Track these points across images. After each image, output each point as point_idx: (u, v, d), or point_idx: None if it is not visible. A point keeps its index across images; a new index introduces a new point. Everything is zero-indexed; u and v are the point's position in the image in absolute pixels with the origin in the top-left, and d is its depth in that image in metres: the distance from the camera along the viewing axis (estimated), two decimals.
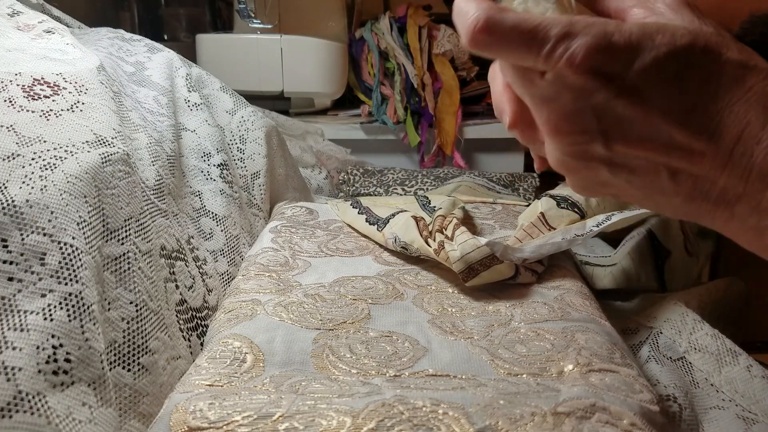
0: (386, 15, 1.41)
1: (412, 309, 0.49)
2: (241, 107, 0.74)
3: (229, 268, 0.59)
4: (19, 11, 0.59)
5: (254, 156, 0.72)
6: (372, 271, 0.56)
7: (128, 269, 0.42)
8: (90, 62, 0.53)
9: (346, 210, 0.68)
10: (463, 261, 0.50)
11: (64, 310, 0.35)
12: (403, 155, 1.41)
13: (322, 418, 0.33)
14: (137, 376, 0.40)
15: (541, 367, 0.40)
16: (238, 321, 0.45)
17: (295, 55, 1.29)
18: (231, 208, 0.63)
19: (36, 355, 0.33)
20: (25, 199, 0.37)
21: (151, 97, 0.62)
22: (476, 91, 1.42)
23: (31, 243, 0.36)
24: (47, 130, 0.42)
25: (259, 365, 0.40)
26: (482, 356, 0.42)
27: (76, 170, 0.41)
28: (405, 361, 0.41)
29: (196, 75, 0.71)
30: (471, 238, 0.51)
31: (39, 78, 0.46)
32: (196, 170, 0.62)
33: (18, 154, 0.39)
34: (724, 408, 0.46)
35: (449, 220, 0.56)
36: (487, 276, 0.51)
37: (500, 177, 1.03)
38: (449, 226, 0.55)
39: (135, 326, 0.41)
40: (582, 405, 0.34)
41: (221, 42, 1.32)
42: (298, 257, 0.58)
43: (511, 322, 0.47)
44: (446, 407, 0.34)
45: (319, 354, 0.42)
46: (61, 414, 0.33)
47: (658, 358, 0.51)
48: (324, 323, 0.46)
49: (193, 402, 0.35)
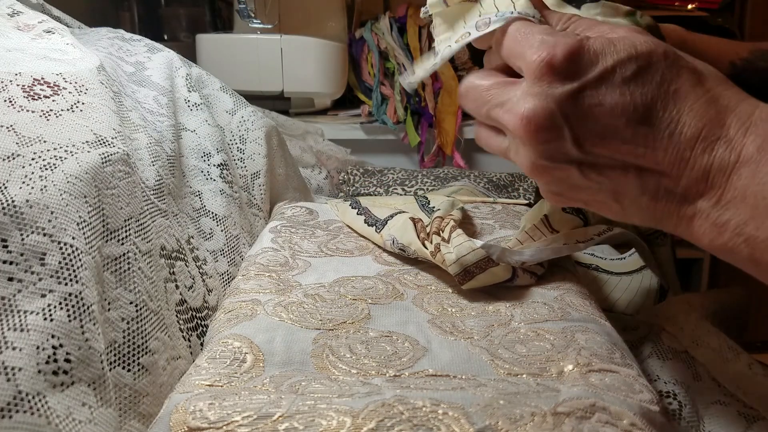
0: (386, 15, 1.41)
1: (412, 309, 0.49)
2: (241, 107, 0.74)
3: (229, 268, 0.59)
4: (19, 11, 0.59)
5: (254, 156, 0.72)
6: (372, 271, 0.56)
7: (128, 269, 0.42)
8: (90, 62, 0.53)
9: (346, 210, 0.68)
10: (458, 264, 0.50)
11: (64, 311, 0.35)
12: (403, 155, 1.41)
13: (322, 418, 0.33)
14: (137, 376, 0.40)
15: (541, 367, 0.40)
16: (238, 321, 0.45)
17: (295, 55, 1.29)
18: (231, 208, 0.63)
19: (36, 356, 0.33)
20: (25, 199, 0.37)
21: (151, 97, 0.62)
22: None
23: (31, 243, 0.36)
24: (47, 130, 0.42)
25: (259, 365, 0.40)
26: (482, 356, 0.42)
27: (76, 170, 0.41)
28: (405, 361, 0.41)
29: (196, 75, 0.71)
30: (467, 241, 0.51)
31: (39, 78, 0.46)
32: (196, 170, 0.62)
33: (18, 154, 0.39)
34: (726, 404, 0.46)
35: (446, 222, 0.56)
36: (483, 278, 0.51)
37: (500, 177, 1.03)
38: (446, 228, 0.54)
39: (135, 326, 0.41)
40: (582, 405, 0.34)
41: (221, 42, 1.32)
42: (298, 257, 0.58)
43: (511, 322, 0.47)
44: (446, 407, 0.34)
45: (319, 354, 0.42)
46: (61, 414, 0.33)
47: (660, 352, 0.51)
48: (324, 323, 0.46)
49: (193, 402, 0.35)
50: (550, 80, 0.32)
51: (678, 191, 0.32)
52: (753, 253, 0.30)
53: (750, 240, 0.30)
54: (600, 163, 0.33)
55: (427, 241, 0.54)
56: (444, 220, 0.57)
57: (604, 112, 0.32)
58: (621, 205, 0.35)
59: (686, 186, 0.32)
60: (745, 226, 0.30)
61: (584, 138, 0.32)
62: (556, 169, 0.34)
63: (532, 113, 0.32)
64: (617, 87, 0.32)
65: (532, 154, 0.34)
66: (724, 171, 0.31)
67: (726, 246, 0.32)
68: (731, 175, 0.30)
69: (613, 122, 0.32)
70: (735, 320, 0.63)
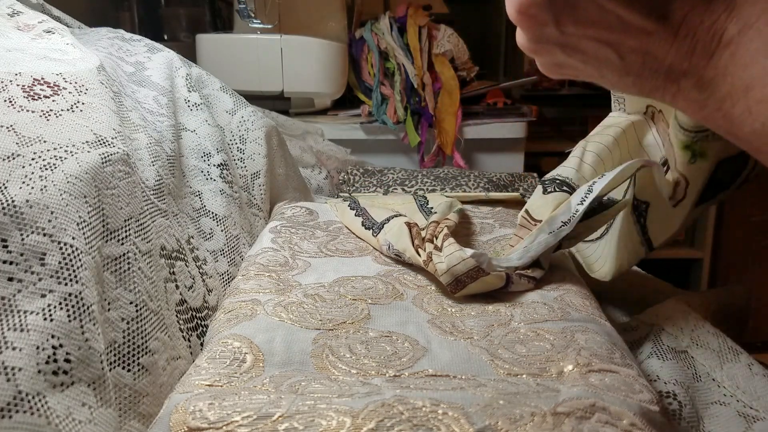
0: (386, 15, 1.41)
1: (412, 309, 0.49)
2: (241, 107, 0.74)
3: (229, 268, 0.59)
4: (19, 11, 0.59)
5: (254, 156, 0.72)
6: (372, 271, 0.56)
7: (128, 269, 0.42)
8: (90, 62, 0.53)
9: (345, 211, 0.68)
10: (449, 274, 0.50)
11: (63, 311, 0.35)
12: (403, 155, 1.41)
13: (322, 419, 0.33)
14: (137, 376, 0.40)
15: (540, 368, 0.40)
16: (238, 321, 0.45)
17: (295, 55, 1.29)
18: (231, 208, 0.63)
19: (36, 356, 0.33)
20: (25, 200, 0.37)
21: (151, 97, 0.62)
22: (476, 91, 1.42)
23: (31, 243, 0.36)
24: (47, 130, 0.42)
25: (258, 365, 0.40)
26: (482, 356, 0.42)
27: (76, 170, 0.41)
28: (405, 361, 0.41)
29: (196, 75, 0.71)
30: (457, 250, 0.50)
31: (39, 78, 0.46)
32: (196, 170, 0.62)
33: (18, 154, 0.39)
34: (726, 404, 0.46)
35: (440, 229, 0.55)
36: (475, 287, 0.50)
37: (500, 177, 1.03)
38: (440, 236, 0.54)
39: (135, 326, 0.41)
40: (582, 405, 0.34)
41: (221, 42, 1.32)
42: (297, 257, 0.58)
43: (510, 322, 0.47)
44: (446, 407, 0.34)
45: (319, 354, 0.42)
46: (61, 414, 0.33)
47: (660, 352, 0.50)
48: (324, 323, 0.46)
49: (192, 402, 0.35)
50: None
51: (662, 71, 0.34)
52: (731, 128, 0.33)
53: (728, 116, 0.32)
54: (581, 46, 0.36)
55: (421, 249, 0.54)
56: (439, 226, 0.56)
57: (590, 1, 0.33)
58: (608, 80, 0.38)
59: (670, 65, 0.34)
60: (722, 102, 0.32)
61: (567, 23, 0.35)
62: (543, 50, 0.38)
63: (519, 3, 0.35)
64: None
65: (521, 36, 0.38)
66: (705, 51, 0.32)
67: (707, 119, 0.34)
68: (713, 56, 0.32)
69: (598, 8, 0.33)
70: (735, 320, 0.63)
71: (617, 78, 0.37)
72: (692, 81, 0.33)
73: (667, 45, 0.33)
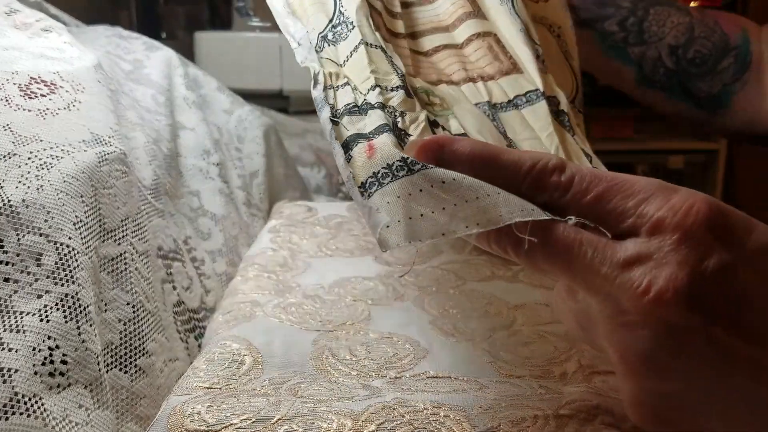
0: None
1: (413, 310, 0.48)
2: (239, 106, 0.73)
3: (227, 268, 0.58)
4: (16, 9, 0.58)
5: (252, 155, 0.71)
6: (372, 271, 0.55)
7: (125, 270, 0.42)
8: (87, 61, 0.52)
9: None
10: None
11: (60, 312, 0.35)
12: None
13: (322, 421, 0.33)
14: (134, 378, 0.40)
15: (543, 370, 0.40)
16: (237, 322, 0.45)
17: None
18: (229, 207, 0.62)
19: (32, 357, 0.33)
20: (22, 199, 0.36)
21: (148, 95, 0.62)
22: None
23: (28, 243, 0.35)
24: (44, 129, 0.42)
25: (257, 367, 0.40)
26: (484, 358, 0.42)
27: (73, 169, 0.41)
28: (406, 362, 0.41)
29: (192, 75, 0.71)
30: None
31: (36, 76, 0.46)
32: (194, 169, 0.61)
33: (14, 154, 0.38)
34: None
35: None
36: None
37: None
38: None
39: (132, 328, 0.41)
40: (585, 407, 0.34)
41: (220, 40, 1.32)
42: (297, 257, 0.57)
43: (513, 324, 0.46)
44: (447, 410, 0.33)
45: (319, 356, 0.41)
46: (57, 416, 0.33)
47: None
48: (323, 324, 0.45)
49: (190, 405, 0.34)
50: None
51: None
52: None
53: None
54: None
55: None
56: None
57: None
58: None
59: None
60: None
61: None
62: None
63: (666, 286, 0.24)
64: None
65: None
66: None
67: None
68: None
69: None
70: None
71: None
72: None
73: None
